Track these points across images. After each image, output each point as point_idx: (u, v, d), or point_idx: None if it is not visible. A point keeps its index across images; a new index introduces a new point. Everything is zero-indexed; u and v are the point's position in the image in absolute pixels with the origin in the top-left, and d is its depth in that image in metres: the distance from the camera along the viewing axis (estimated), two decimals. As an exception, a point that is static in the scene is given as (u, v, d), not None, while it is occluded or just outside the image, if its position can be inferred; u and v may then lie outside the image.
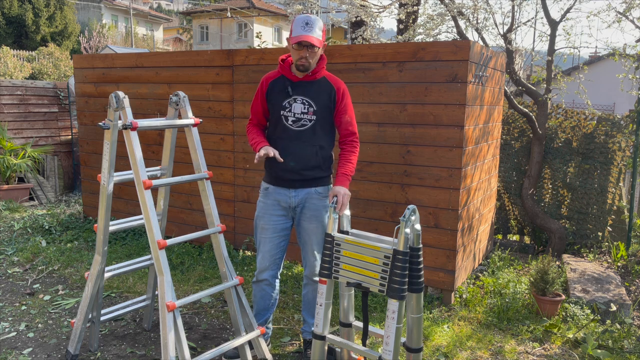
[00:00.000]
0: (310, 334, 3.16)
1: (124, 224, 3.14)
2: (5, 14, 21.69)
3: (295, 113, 2.90)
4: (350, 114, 2.97)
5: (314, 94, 2.90)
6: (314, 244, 3.02)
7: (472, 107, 3.89)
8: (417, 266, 2.47)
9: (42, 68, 15.69)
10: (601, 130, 5.25)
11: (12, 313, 3.77)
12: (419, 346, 2.61)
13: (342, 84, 2.97)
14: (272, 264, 3.09)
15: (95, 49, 20.17)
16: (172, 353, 2.53)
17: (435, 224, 3.90)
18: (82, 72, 5.80)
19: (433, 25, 5.89)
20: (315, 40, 2.74)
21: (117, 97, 2.73)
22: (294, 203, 2.98)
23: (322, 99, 2.89)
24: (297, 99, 2.90)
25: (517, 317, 3.81)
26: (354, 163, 2.94)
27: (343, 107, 2.94)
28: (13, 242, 5.34)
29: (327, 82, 2.93)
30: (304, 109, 2.90)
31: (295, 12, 7.97)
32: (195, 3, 39.58)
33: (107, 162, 2.89)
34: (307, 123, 2.91)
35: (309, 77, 2.90)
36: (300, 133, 2.90)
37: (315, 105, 2.89)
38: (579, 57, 19.85)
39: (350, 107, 2.99)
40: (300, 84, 2.91)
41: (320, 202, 2.98)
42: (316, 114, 2.90)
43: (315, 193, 2.98)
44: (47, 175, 8.18)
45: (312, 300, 3.14)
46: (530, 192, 5.38)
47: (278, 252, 3.08)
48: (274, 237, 3.04)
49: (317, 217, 2.98)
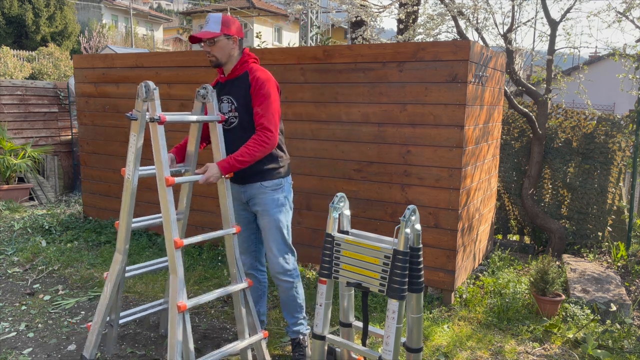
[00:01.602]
0: (294, 333, 3.16)
1: (146, 221, 3.06)
2: (5, 14, 21.69)
3: (224, 113, 2.96)
4: (265, 106, 2.81)
5: (235, 91, 2.93)
6: (269, 241, 3.02)
7: (472, 107, 3.89)
8: (417, 266, 2.47)
9: (42, 68, 15.69)
10: (601, 130, 5.25)
11: (12, 313, 3.77)
12: (419, 346, 2.61)
13: (260, 74, 2.87)
14: (247, 256, 3.18)
15: (95, 49, 20.17)
16: (178, 356, 2.52)
17: (435, 224, 3.90)
18: (82, 72, 5.80)
19: (433, 25, 5.89)
20: (203, 34, 2.81)
21: (148, 88, 2.64)
22: (244, 199, 3.04)
23: (241, 94, 2.91)
24: (223, 98, 2.97)
25: (517, 317, 3.81)
26: (251, 152, 2.76)
27: (256, 98, 2.85)
28: (13, 242, 5.34)
29: (247, 76, 2.91)
30: (229, 107, 2.95)
31: (295, 12, 7.97)
32: (195, 3, 39.56)
33: (132, 154, 2.81)
34: (234, 120, 2.95)
35: (231, 76, 2.95)
36: (231, 131, 2.96)
37: (236, 102, 2.93)
38: (579, 57, 19.83)
39: (268, 99, 2.83)
40: (225, 83, 2.98)
41: (267, 196, 2.98)
42: (238, 110, 2.92)
43: (262, 187, 2.98)
44: (47, 175, 8.18)
45: (286, 300, 3.11)
46: (530, 192, 5.38)
47: (251, 245, 3.17)
48: (242, 231, 3.13)
49: (267, 212, 2.99)
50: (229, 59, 2.91)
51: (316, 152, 4.33)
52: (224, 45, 2.86)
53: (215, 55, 2.87)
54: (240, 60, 2.93)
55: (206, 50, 2.88)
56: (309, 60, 4.27)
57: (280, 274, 3.03)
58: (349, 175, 4.21)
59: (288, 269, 3.03)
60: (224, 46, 2.86)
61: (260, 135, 2.80)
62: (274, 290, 4.16)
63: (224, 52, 2.88)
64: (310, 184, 4.38)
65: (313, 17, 13.08)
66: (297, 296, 3.10)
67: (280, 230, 3.00)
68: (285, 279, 3.04)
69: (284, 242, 3.03)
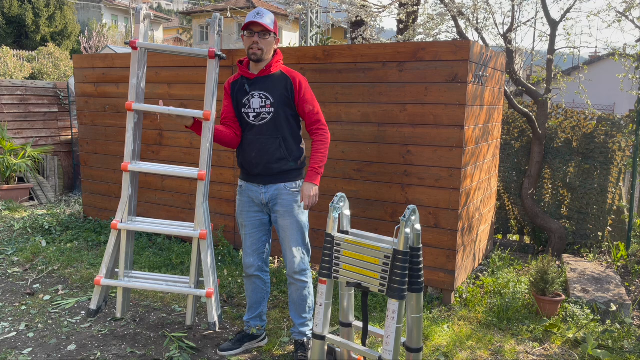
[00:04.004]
0: (299, 334, 3.17)
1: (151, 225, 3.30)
2: (5, 14, 21.69)
3: (254, 108, 2.97)
4: (313, 103, 3.00)
5: (270, 87, 2.95)
6: (290, 241, 3.04)
7: (472, 107, 3.89)
8: (417, 266, 2.47)
9: (42, 68, 15.69)
10: (601, 130, 5.25)
11: (12, 313, 3.77)
12: (419, 346, 2.61)
13: (297, 75, 3.00)
14: (257, 259, 3.17)
15: (95, 49, 20.17)
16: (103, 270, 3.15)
17: (435, 224, 3.90)
18: (82, 72, 5.80)
19: (433, 25, 5.89)
20: (265, 25, 2.84)
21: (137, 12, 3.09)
22: (265, 200, 3.04)
23: (279, 90, 2.94)
24: (255, 94, 2.97)
25: (517, 317, 3.81)
26: (323, 153, 2.98)
27: (303, 97, 2.97)
28: (13, 242, 5.34)
29: (283, 74, 2.98)
30: (262, 102, 2.96)
31: (295, 12, 7.97)
32: (195, 3, 39.56)
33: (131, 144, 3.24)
34: (267, 116, 2.96)
35: (264, 72, 2.97)
36: (262, 127, 2.97)
37: (272, 97, 2.95)
38: (579, 57, 19.82)
39: (312, 96, 3.02)
40: (256, 80, 2.99)
41: (291, 197, 3.01)
42: (274, 105, 2.95)
43: (285, 189, 3.00)
44: (47, 175, 8.18)
45: (298, 300, 3.13)
46: (530, 192, 5.38)
47: (261, 247, 3.17)
48: (254, 233, 3.12)
49: (289, 213, 3.01)
50: (267, 56, 2.95)
51: (316, 152, 4.33)
52: (271, 42, 2.92)
53: (263, 48, 2.89)
54: (275, 59, 2.98)
55: (255, 40, 2.87)
56: (309, 60, 4.27)
57: (297, 274, 3.06)
58: (349, 175, 4.21)
59: (304, 269, 3.08)
60: (271, 42, 2.93)
61: (322, 133, 3.00)
62: (274, 290, 4.17)
63: (270, 48, 2.93)
64: (310, 184, 4.38)
65: (313, 17, 13.08)
66: (308, 297, 3.13)
67: (302, 231, 3.05)
68: (301, 279, 3.07)
69: (303, 243, 3.07)
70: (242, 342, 3.24)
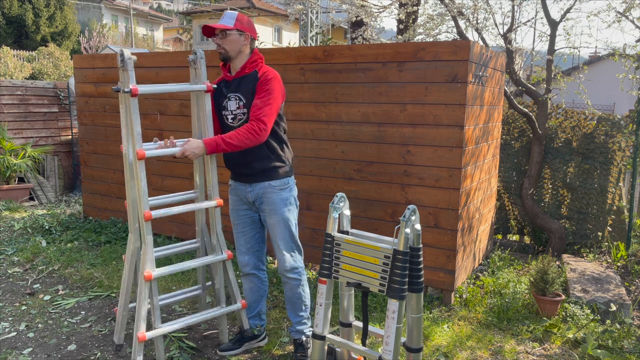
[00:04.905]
0: (297, 333, 3.17)
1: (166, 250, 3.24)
2: (5, 14, 21.70)
3: (231, 110, 2.98)
4: (266, 100, 2.81)
5: (242, 88, 2.94)
6: (278, 239, 3.04)
7: (472, 107, 3.90)
8: (417, 266, 2.47)
9: (42, 68, 15.70)
10: (601, 130, 5.25)
11: (12, 313, 3.77)
12: (419, 346, 2.62)
13: (269, 72, 2.90)
14: (252, 257, 3.19)
15: (95, 49, 20.17)
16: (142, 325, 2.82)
17: (435, 224, 3.90)
18: (82, 72, 5.80)
19: (433, 25, 5.89)
20: (216, 26, 2.83)
21: (122, 57, 2.62)
22: (252, 198, 3.05)
23: (248, 91, 2.92)
24: (231, 96, 2.97)
25: (517, 317, 3.81)
26: (239, 138, 2.75)
27: (258, 91, 2.86)
28: (13, 242, 5.34)
29: (256, 74, 2.94)
30: (237, 104, 2.96)
31: (295, 12, 7.97)
32: (195, 3, 39.56)
33: (124, 128, 2.85)
34: (242, 117, 2.96)
35: (240, 74, 2.96)
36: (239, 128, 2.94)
37: (244, 98, 2.94)
38: (579, 57, 19.80)
39: (270, 94, 2.83)
40: (232, 82, 2.99)
41: (276, 195, 3.00)
42: (247, 106, 2.93)
43: (270, 187, 3.00)
44: (47, 175, 8.18)
45: (292, 298, 3.13)
46: (530, 192, 5.38)
47: (255, 245, 3.18)
48: (246, 231, 3.15)
49: (275, 212, 3.01)
50: (238, 55, 2.92)
51: (316, 152, 4.33)
52: (235, 40, 2.89)
53: (225, 47, 2.89)
54: (250, 59, 2.95)
55: (217, 42, 2.89)
56: (309, 60, 4.27)
57: (288, 272, 3.06)
58: (349, 175, 4.21)
59: (296, 266, 3.07)
60: (235, 40, 2.89)
61: (253, 125, 2.79)
62: (274, 290, 4.17)
63: (235, 46, 2.90)
64: (310, 184, 4.38)
65: (313, 17, 13.08)
66: (304, 294, 3.13)
67: (289, 228, 3.04)
68: (293, 277, 3.07)
69: (292, 240, 3.07)
70: (242, 342, 3.25)
